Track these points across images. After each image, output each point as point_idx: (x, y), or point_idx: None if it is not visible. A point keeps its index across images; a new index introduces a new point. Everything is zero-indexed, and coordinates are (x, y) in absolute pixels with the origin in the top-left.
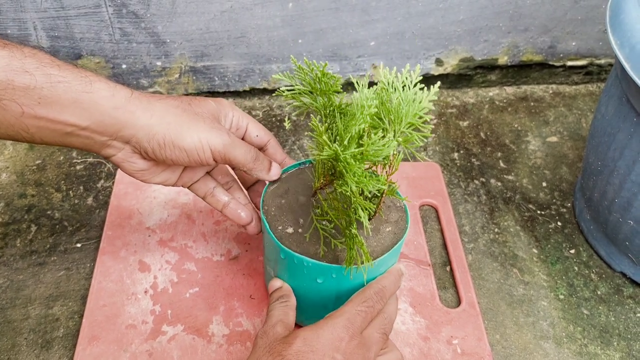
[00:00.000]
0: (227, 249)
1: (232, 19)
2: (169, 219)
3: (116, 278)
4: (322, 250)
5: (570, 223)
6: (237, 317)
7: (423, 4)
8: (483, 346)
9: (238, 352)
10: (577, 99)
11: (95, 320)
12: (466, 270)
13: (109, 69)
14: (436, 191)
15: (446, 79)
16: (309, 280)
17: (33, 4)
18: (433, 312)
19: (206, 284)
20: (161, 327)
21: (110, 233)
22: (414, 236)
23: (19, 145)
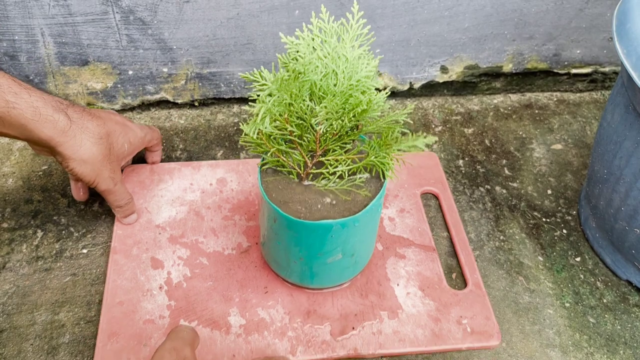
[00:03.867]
0: (237, 243)
1: (239, 26)
2: (177, 216)
3: (130, 276)
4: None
5: (576, 231)
6: (252, 307)
7: (428, 11)
8: (491, 324)
9: (256, 341)
10: (582, 107)
11: (113, 317)
12: (470, 252)
13: (116, 75)
14: (436, 179)
15: (451, 86)
16: (318, 241)
17: (41, 10)
18: (441, 295)
19: (220, 277)
20: (178, 320)
21: (121, 232)
22: (418, 223)
23: (25, 151)
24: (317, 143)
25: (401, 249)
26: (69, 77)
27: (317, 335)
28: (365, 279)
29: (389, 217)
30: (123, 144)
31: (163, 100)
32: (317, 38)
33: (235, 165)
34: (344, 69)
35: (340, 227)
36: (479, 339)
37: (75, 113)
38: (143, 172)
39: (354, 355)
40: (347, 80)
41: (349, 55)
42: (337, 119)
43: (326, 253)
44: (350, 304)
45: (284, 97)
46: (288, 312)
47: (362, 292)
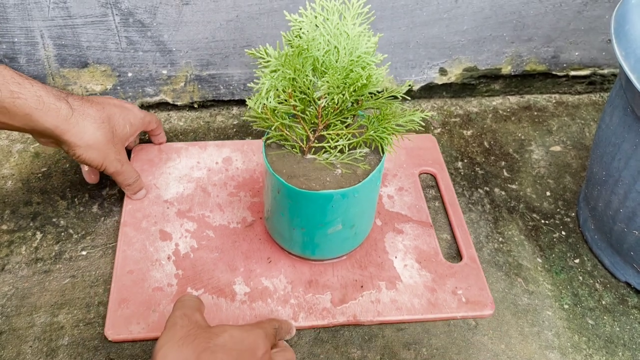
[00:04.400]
0: (242, 217)
1: (238, 28)
2: (185, 192)
3: (139, 247)
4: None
5: (575, 232)
6: (256, 277)
7: (427, 13)
8: (485, 295)
9: (260, 308)
10: (580, 109)
11: (123, 285)
12: (465, 229)
13: (115, 77)
14: (433, 160)
15: (450, 88)
16: (319, 211)
17: (40, 12)
18: (438, 267)
19: (225, 249)
20: (186, 288)
21: (130, 207)
22: (416, 200)
23: (24, 152)
24: (319, 117)
25: (399, 225)
26: (69, 79)
27: (318, 303)
28: (365, 251)
29: (388, 195)
30: (124, 126)
31: (162, 102)
32: (320, 16)
33: (240, 145)
34: (345, 45)
35: (340, 198)
36: (473, 309)
37: (75, 101)
38: (152, 151)
39: (353, 322)
40: (348, 56)
41: (350, 32)
42: (339, 93)
43: (327, 223)
44: (350, 275)
45: (287, 73)
46: (290, 281)
47: (362, 263)
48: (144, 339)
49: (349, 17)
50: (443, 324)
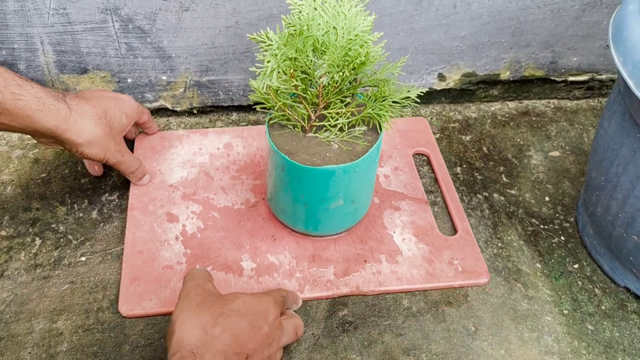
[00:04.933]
0: (245, 199)
1: (237, 34)
2: (189, 176)
3: (148, 228)
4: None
5: (574, 237)
6: (262, 253)
7: (426, 19)
8: (480, 265)
9: (267, 282)
10: (579, 114)
11: (134, 265)
12: (459, 205)
13: (115, 83)
14: (426, 141)
15: (448, 93)
16: (321, 186)
17: (40, 19)
18: (434, 240)
19: (231, 228)
20: (195, 266)
21: (137, 191)
22: (411, 179)
23: (24, 158)
24: (319, 97)
25: (396, 202)
26: (68, 85)
27: (322, 275)
28: (364, 227)
29: (384, 175)
30: (121, 117)
31: (162, 107)
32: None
33: (240, 132)
34: (343, 25)
35: (342, 173)
36: (469, 277)
37: (72, 100)
38: (154, 138)
39: (356, 292)
40: (346, 35)
41: (348, 13)
42: (338, 71)
43: (329, 199)
44: (352, 249)
45: (289, 52)
46: (295, 256)
47: (362, 238)
48: (157, 313)
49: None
50: (442, 330)
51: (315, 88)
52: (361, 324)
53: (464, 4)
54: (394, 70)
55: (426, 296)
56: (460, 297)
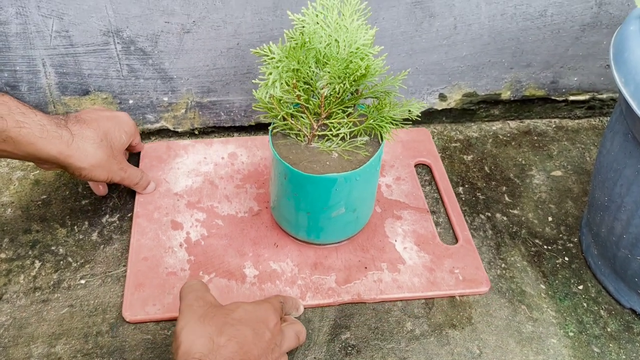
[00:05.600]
0: (249, 207)
1: (239, 56)
2: (193, 185)
3: (153, 236)
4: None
5: (578, 258)
6: (265, 261)
7: (426, 40)
8: (481, 274)
9: (269, 289)
10: (580, 133)
11: (139, 271)
12: (460, 214)
13: (116, 105)
14: (428, 151)
15: (450, 113)
16: (323, 194)
17: (43, 41)
18: (435, 249)
19: (234, 236)
20: (198, 272)
21: (142, 199)
22: (412, 189)
23: (24, 180)
24: (321, 107)
25: (398, 211)
26: (70, 107)
27: (324, 283)
28: (366, 236)
29: (386, 184)
30: (121, 137)
31: (163, 128)
32: (320, 14)
33: (244, 142)
34: (345, 38)
35: (343, 181)
36: (469, 286)
37: (74, 126)
38: (160, 148)
39: (357, 300)
40: (347, 48)
41: (349, 27)
42: (340, 82)
43: (331, 207)
44: (353, 257)
45: (292, 64)
46: (297, 264)
47: (364, 247)
48: (161, 319)
49: (347, 14)
50: (447, 353)
51: (317, 98)
52: (364, 347)
53: (464, 25)
54: (394, 83)
55: (429, 318)
56: (464, 320)
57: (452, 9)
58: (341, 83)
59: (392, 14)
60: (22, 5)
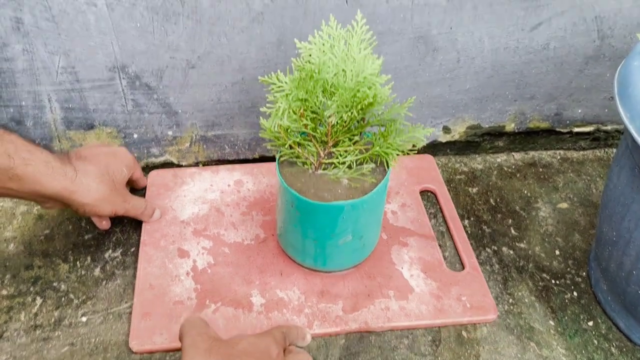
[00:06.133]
0: (255, 234)
1: (244, 90)
2: (200, 212)
3: (159, 264)
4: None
5: (587, 293)
6: (271, 289)
7: (430, 74)
8: (488, 301)
9: (276, 318)
10: (586, 165)
11: (145, 300)
12: (466, 240)
13: (121, 139)
14: (432, 178)
15: (454, 145)
16: (331, 222)
17: (49, 77)
18: (442, 276)
19: (241, 264)
20: (205, 301)
21: (149, 227)
22: (418, 215)
23: (28, 215)
24: (328, 135)
25: (404, 238)
26: (75, 141)
27: (331, 311)
28: (373, 263)
29: (392, 211)
30: (122, 170)
31: (168, 162)
32: (327, 43)
33: (250, 169)
34: (352, 68)
35: (351, 208)
36: (477, 313)
37: (76, 162)
38: (166, 176)
39: (364, 329)
40: (355, 78)
41: (356, 56)
42: (347, 111)
43: (338, 234)
44: (360, 285)
45: (300, 94)
46: (304, 292)
47: (370, 274)
48: (168, 349)
49: (354, 43)
50: None
51: (324, 127)
52: None
53: (467, 59)
54: (401, 111)
55: (436, 357)
56: (471, 358)
57: (455, 43)
58: (349, 112)
59: (396, 48)
60: (29, 43)
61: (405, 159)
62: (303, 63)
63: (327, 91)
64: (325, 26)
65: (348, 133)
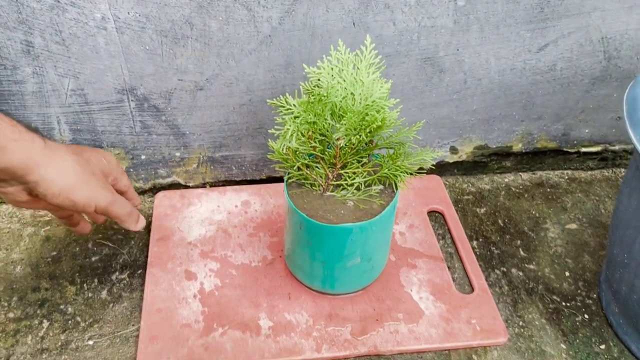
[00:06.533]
0: (262, 256)
1: (251, 112)
2: (207, 234)
3: (166, 286)
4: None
5: (598, 315)
6: (279, 312)
7: (436, 95)
8: (498, 324)
9: (284, 341)
10: (594, 185)
11: (152, 323)
12: (475, 262)
13: (129, 160)
14: (440, 198)
15: (461, 166)
16: (339, 244)
17: (58, 99)
18: (451, 299)
19: (248, 286)
20: (212, 324)
21: (156, 249)
22: (426, 237)
23: (35, 236)
24: (337, 157)
25: (412, 260)
26: None
27: (339, 335)
28: (381, 285)
29: (400, 232)
30: (99, 159)
31: (175, 183)
32: (336, 67)
33: (258, 189)
34: (361, 91)
35: (359, 231)
36: (487, 337)
37: (47, 141)
38: (174, 197)
39: (374, 352)
40: (363, 101)
41: (365, 80)
42: (355, 134)
43: (347, 256)
44: (369, 308)
45: (309, 117)
46: (312, 315)
47: (379, 297)
48: None
49: (363, 67)
50: None
51: (332, 149)
52: None
53: (474, 80)
54: (409, 134)
55: None
56: None
57: (462, 64)
58: (357, 135)
59: (403, 70)
60: (40, 65)
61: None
62: (312, 87)
63: (335, 114)
64: (333, 51)
65: (356, 155)
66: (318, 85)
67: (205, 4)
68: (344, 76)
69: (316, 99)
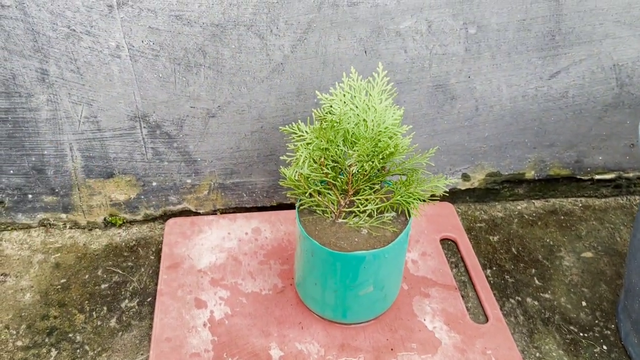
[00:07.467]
0: (273, 284)
1: (262, 139)
2: (217, 261)
3: (176, 315)
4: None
5: (617, 347)
6: (290, 341)
7: (448, 122)
8: (514, 354)
9: None
10: (608, 212)
11: (162, 352)
12: (489, 290)
13: (140, 187)
14: (453, 226)
15: (473, 193)
16: (351, 272)
17: (71, 127)
18: (466, 329)
19: (258, 315)
20: (222, 354)
21: (166, 277)
22: (439, 265)
23: (45, 263)
24: (349, 183)
25: (425, 288)
26: (94, 190)
27: None
28: (394, 314)
29: (412, 260)
30: None
31: (185, 210)
32: (348, 94)
33: (268, 216)
34: (373, 118)
35: (372, 258)
36: None
37: None
38: (184, 224)
39: None
40: (376, 127)
41: (377, 107)
42: (368, 161)
43: (359, 285)
44: (381, 337)
45: (321, 144)
46: (323, 345)
47: (392, 326)
48: None
49: (375, 94)
50: None
51: (345, 175)
52: None
53: (485, 107)
54: (422, 161)
55: None
56: None
57: (473, 91)
58: (370, 161)
59: (414, 97)
60: (54, 93)
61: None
62: (324, 113)
63: (348, 140)
64: (346, 77)
65: (369, 182)
66: (330, 112)
67: (218, 32)
68: (356, 103)
69: (329, 125)
